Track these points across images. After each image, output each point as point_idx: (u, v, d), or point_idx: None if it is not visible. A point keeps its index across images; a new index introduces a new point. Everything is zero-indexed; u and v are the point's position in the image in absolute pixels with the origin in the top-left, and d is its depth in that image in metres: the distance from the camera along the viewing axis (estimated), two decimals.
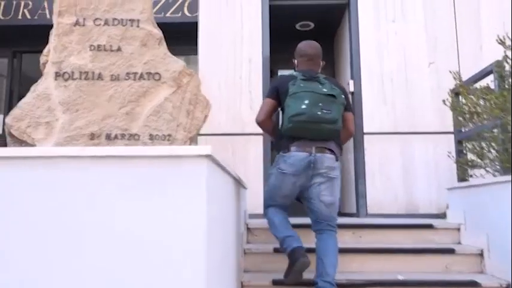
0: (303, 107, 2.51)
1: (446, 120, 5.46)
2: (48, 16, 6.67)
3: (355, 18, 5.67)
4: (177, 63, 2.40)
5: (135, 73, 2.34)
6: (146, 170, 1.46)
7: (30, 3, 6.59)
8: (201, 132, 3.08)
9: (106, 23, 2.38)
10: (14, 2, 6.63)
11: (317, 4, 6.02)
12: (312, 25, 6.57)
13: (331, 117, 2.55)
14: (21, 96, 8.01)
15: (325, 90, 2.60)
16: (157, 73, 2.35)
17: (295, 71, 2.88)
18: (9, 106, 6.91)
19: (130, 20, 2.39)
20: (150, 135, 2.27)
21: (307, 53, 2.86)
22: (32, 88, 2.37)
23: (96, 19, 2.38)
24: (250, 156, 5.18)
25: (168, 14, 6.53)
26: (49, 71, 2.34)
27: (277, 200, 2.79)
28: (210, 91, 4.20)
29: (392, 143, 5.39)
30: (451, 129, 5.41)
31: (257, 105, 4.82)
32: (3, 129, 7.20)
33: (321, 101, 2.55)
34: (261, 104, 2.87)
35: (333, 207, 2.70)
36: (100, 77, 2.32)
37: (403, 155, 5.34)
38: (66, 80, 2.32)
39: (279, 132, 2.75)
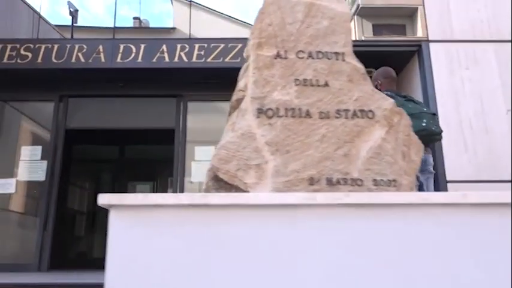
0: (424, 124, 3.14)
1: None
2: (102, 60, 6.46)
3: (429, 65, 5.64)
4: (386, 100, 2.16)
5: (347, 110, 2.09)
6: None
7: (85, 46, 6.37)
8: None
9: (310, 56, 2.15)
10: (68, 46, 6.42)
11: (385, 51, 6.01)
12: (373, 71, 6.51)
13: (440, 131, 3.28)
14: (69, 139, 7.50)
15: (425, 109, 3.25)
16: (370, 111, 2.10)
17: (377, 89, 3.39)
18: (54, 152, 6.52)
19: (335, 53, 2.18)
20: (374, 180, 1.98)
21: (391, 75, 3.65)
22: (230, 126, 2.08)
23: (299, 51, 2.15)
24: None
25: (227, 60, 6.42)
26: (247, 107, 2.07)
27: None
28: None
29: (477, 191, 5.18)
30: None
31: None
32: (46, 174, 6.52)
33: (431, 119, 3.23)
34: None
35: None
36: (308, 114, 2.06)
37: None
38: (270, 117, 2.05)
39: None
